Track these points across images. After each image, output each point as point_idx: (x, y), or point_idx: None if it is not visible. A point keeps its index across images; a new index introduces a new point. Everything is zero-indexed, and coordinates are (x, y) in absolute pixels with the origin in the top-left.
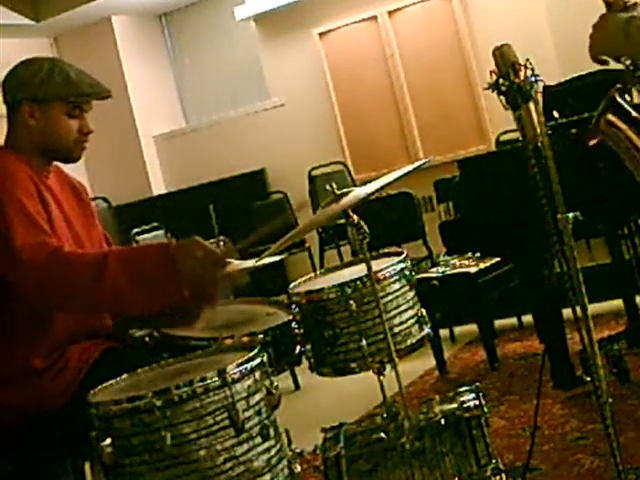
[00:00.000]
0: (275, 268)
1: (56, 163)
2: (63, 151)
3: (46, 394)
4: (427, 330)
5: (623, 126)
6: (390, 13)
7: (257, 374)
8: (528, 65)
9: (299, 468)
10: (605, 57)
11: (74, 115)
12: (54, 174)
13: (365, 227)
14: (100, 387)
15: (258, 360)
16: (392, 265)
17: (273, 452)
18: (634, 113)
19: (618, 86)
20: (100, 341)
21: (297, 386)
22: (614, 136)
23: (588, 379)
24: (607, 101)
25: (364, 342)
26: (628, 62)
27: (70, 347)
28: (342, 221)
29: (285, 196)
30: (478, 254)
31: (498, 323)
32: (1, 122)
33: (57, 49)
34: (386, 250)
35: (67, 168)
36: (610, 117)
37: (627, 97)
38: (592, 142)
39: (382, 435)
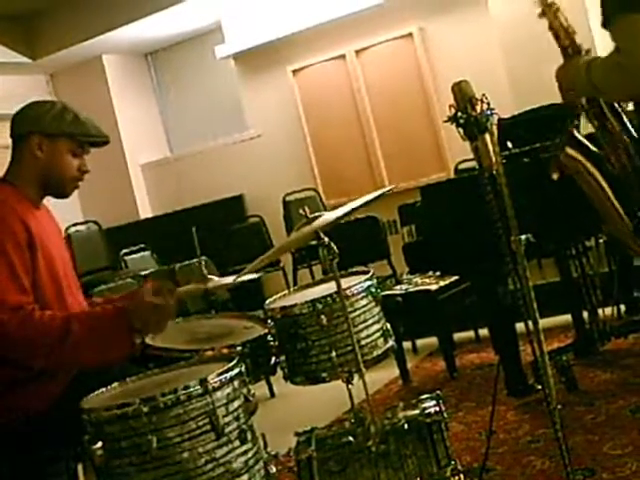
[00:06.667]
0: (252, 285)
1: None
2: (60, 186)
3: (33, 400)
4: (391, 342)
5: (582, 159)
6: (357, 52)
7: (236, 383)
8: (484, 99)
9: (274, 469)
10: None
11: (77, 154)
12: (44, 208)
13: (335, 248)
14: (92, 395)
15: (237, 370)
16: (360, 283)
17: (250, 454)
18: (591, 147)
19: (575, 122)
20: None
21: (272, 394)
22: (574, 168)
23: (539, 387)
24: (566, 136)
25: (334, 353)
26: (584, 101)
27: None
28: (314, 242)
29: (261, 219)
30: (438, 273)
31: (457, 336)
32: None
33: (53, 85)
34: (354, 269)
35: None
36: (569, 151)
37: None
38: (556, 176)
39: (350, 439)
